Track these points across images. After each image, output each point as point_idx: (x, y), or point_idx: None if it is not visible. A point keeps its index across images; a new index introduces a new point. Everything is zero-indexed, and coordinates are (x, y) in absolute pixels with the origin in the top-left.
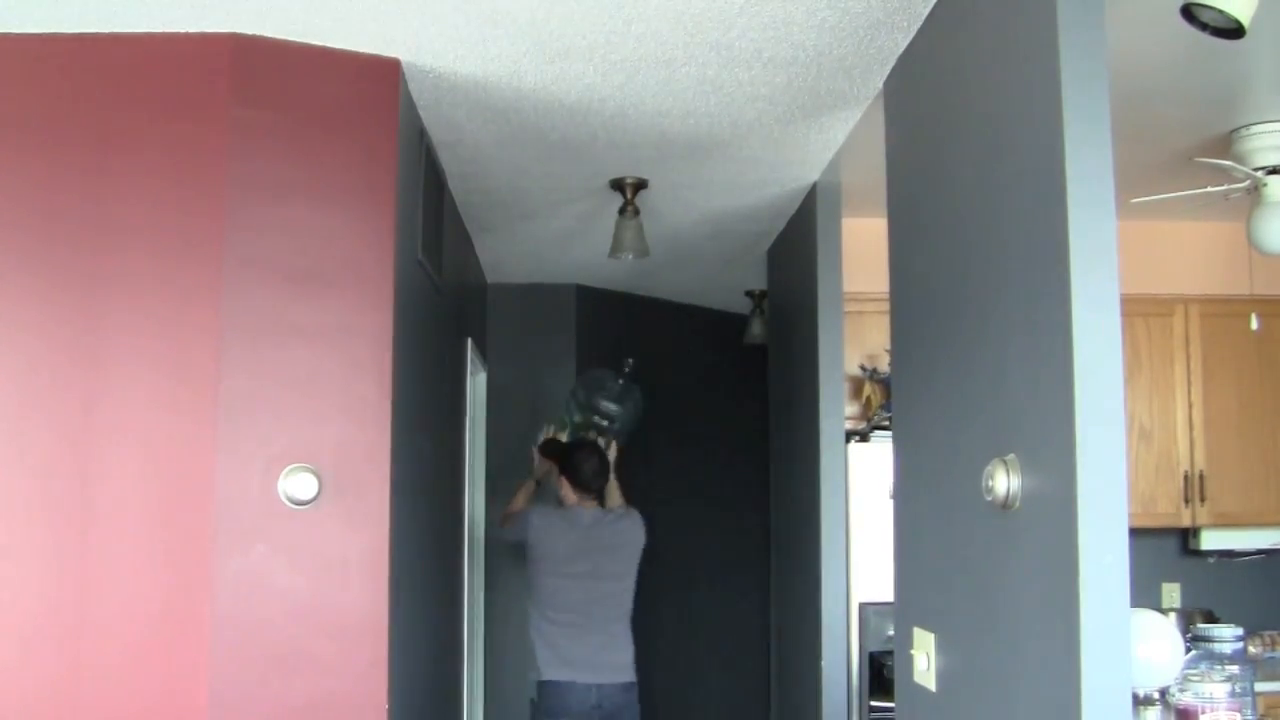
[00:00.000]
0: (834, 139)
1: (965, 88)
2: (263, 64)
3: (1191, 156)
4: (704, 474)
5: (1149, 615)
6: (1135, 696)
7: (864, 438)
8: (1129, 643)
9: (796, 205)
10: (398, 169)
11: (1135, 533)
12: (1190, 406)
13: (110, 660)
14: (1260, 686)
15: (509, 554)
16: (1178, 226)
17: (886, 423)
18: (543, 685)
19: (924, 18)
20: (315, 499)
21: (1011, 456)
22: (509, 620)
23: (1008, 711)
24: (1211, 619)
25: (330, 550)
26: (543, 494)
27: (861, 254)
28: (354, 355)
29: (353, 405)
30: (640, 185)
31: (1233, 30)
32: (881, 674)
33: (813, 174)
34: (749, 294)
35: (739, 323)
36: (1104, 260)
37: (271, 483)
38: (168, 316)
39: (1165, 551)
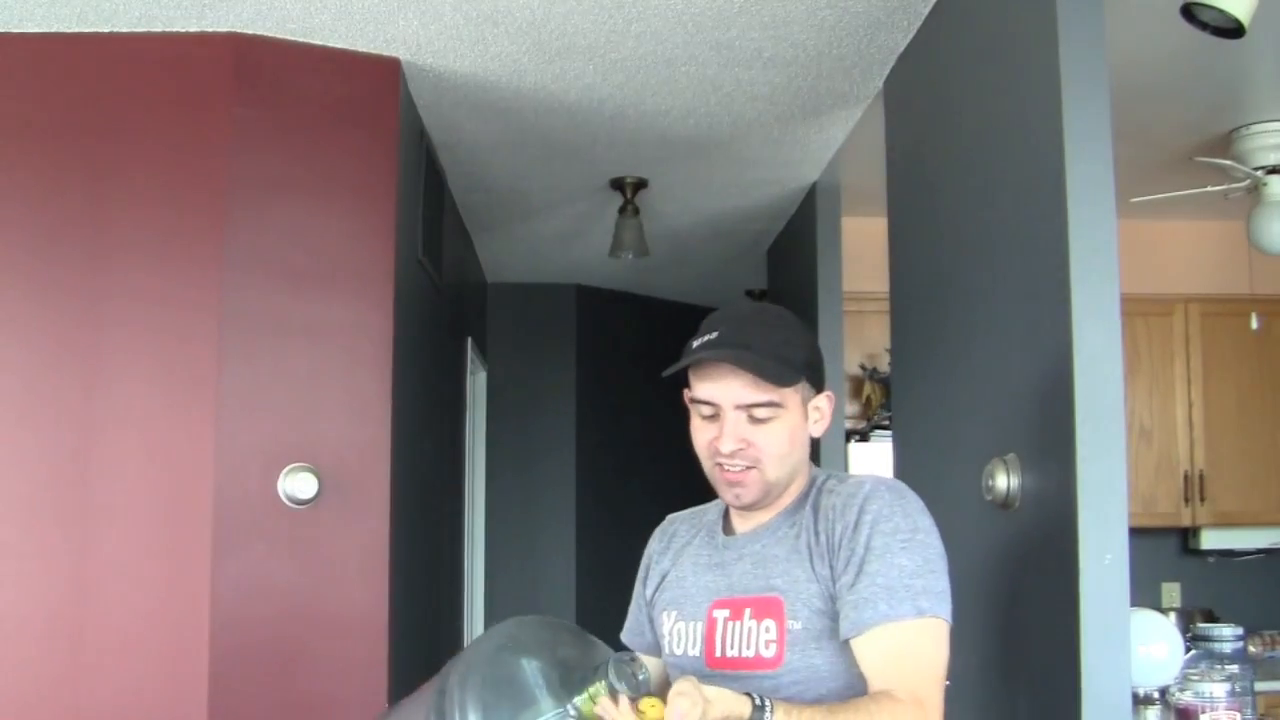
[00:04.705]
0: (834, 139)
1: (965, 87)
2: (263, 63)
3: (1191, 156)
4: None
5: (1149, 615)
6: (1135, 696)
7: (864, 438)
8: (1129, 642)
9: (796, 205)
10: (398, 169)
11: (1135, 532)
12: (1190, 406)
13: (110, 659)
14: (1260, 686)
15: (510, 553)
16: (1178, 226)
17: (886, 423)
18: None
19: (924, 17)
20: (315, 499)
21: (1011, 456)
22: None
23: (1008, 710)
24: (1211, 619)
25: (330, 550)
26: None
27: (861, 254)
28: (354, 354)
29: (353, 404)
30: (640, 185)
31: (1233, 30)
32: None
33: (813, 174)
34: (749, 294)
35: None
36: (1104, 260)
37: (271, 482)
38: (168, 315)
39: (1165, 551)
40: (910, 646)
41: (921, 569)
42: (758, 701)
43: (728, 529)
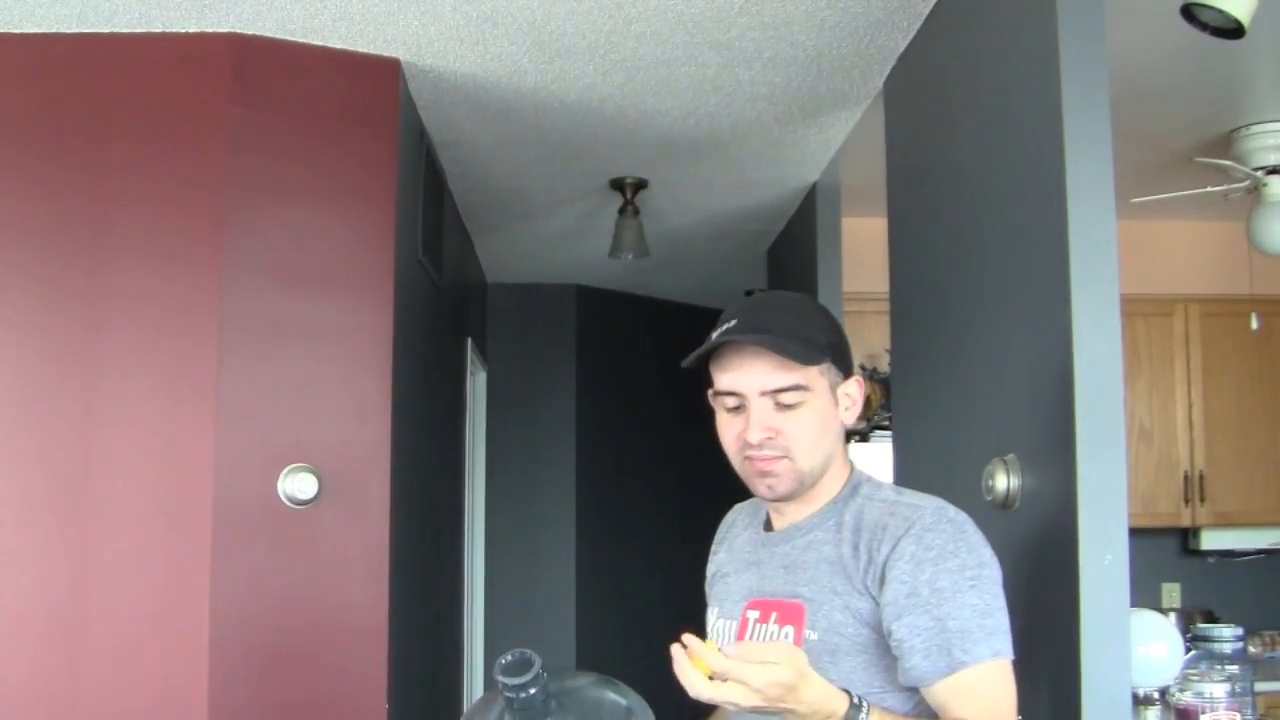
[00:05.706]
0: (834, 139)
1: (965, 88)
2: (263, 64)
3: (1191, 156)
4: (705, 475)
5: (1149, 615)
6: (1135, 696)
7: (864, 438)
8: (1129, 643)
9: (796, 205)
10: (398, 169)
11: (1135, 533)
12: (1190, 406)
13: (110, 660)
14: (1260, 686)
15: (510, 553)
16: (1178, 226)
17: (886, 423)
18: None
19: (924, 18)
20: (315, 499)
21: (1011, 456)
22: (510, 619)
23: None
24: (1211, 619)
25: (330, 550)
26: None
27: (861, 254)
28: (354, 355)
29: (353, 405)
30: (640, 185)
31: (1233, 30)
32: None
33: (813, 174)
34: (749, 294)
35: None
36: (1104, 260)
37: (271, 483)
38: (168, 316)
39: (1165, 551)
40: (987, 689)
41: (991, 607)
42: (855, 700)
43: (768, 524)
